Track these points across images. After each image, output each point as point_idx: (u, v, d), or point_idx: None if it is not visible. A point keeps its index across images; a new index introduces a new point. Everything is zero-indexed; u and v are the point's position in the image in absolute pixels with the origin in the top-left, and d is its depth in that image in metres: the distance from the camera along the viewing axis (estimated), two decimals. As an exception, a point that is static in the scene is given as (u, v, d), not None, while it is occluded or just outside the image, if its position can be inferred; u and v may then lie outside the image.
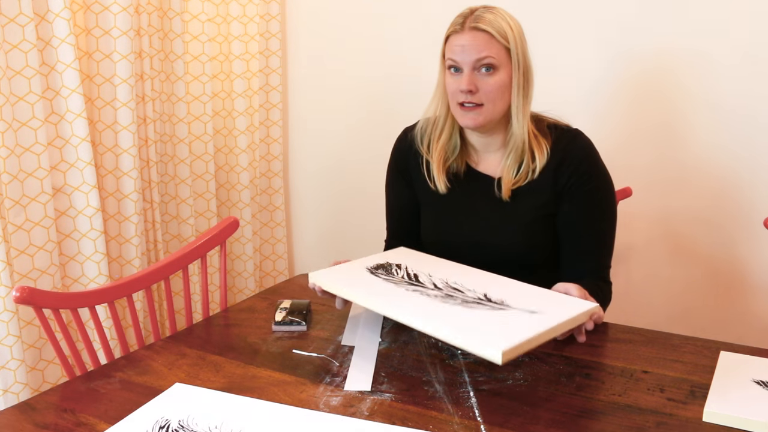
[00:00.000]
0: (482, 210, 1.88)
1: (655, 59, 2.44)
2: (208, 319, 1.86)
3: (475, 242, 1.88)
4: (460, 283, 1.61)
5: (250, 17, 3.03)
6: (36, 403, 1.41)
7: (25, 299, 1.57)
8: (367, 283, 1.63)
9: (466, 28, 1.74)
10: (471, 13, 1.76)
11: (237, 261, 3.20)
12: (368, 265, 1.74)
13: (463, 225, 1.90)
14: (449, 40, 1.78)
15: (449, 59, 1.77)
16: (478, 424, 1.29)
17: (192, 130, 2.92)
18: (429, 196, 1.95)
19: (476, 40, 1.73)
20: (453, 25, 1.78)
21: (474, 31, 1.74)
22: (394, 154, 2.05)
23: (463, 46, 1.73)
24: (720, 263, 2.49)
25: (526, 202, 1.83)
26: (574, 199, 1.81)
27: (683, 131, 2.45)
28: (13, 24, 2.15)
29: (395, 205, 2.06)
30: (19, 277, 2.24)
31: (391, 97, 2.97)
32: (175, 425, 1.28)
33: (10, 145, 2.16)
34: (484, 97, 1.75)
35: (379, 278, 1.65)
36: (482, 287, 1.58)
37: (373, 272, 1.70)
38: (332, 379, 1.47)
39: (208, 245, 2.02)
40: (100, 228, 2.43)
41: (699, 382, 1.42)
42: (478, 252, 1.87)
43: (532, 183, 1.82)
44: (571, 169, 1.80)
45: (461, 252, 1.88)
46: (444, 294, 1.54)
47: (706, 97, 2.39)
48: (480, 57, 1.73)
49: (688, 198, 2.49)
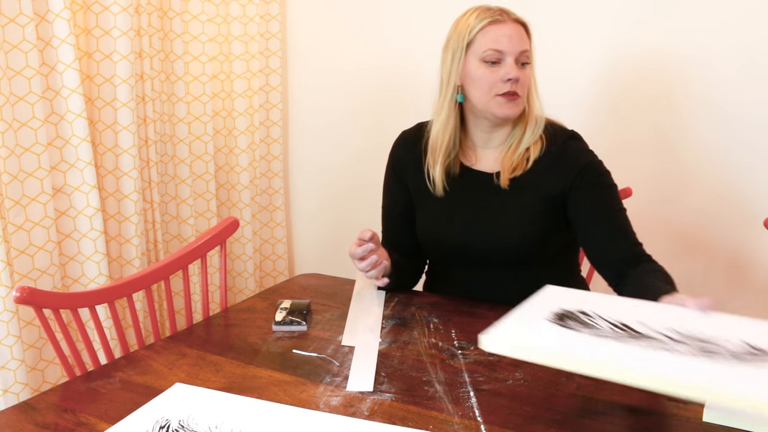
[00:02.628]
0: (478, 208, 1.88)
1: (655, 60, 2.44)
2: (208, 319, 1.86)
3: (471, 240, 1.87)
4: (680, 325, 1.30)
5: (251, 17, 3.03)
6: (36, 403, 1.40)
7: (25, 299, 1.57)
8: (578, 342, 1.24)
9: (509, 19, 1.76)
10: (501, 8, 1.79)
11: (237, 261, 3.20)
12: (544, 316, 1.35)
13: (459, 224, 1.89)
14: (487, 31, 1.76)
15: (491, 50, 1.75)
16: (479, 424, 1.28)
17: (192, 130, 2.92)
18: (425, 197, 1.95)
19: (519, 32, 1.77)
20: (488, 16, 1.77)
21: (516, 24, 1.77)
22: (392, 157, 2.04)
23: (510, 36, 1.75)
24: (720, 263, 2.50)
25: (521, 199, 1.83)
26: (586, 194, 1.80)
27: (683, 132, 2.46)
28: (13, 24, 2.15)
29: (391, 208, 2.05)
30: (19, 277, 2.24)
31: (391, 98, 2.97)
32: (175, 425, 1.28)
33: (10, 145, 2.16)
34: (521, 89, 1.78)
35: (583, 333, 1.27)
36: (719, 330, 1.28)
37: (564, 325, 1.31)
38: (332, 379, 1.47)
39: (208, 245, 2.02)
40: (100, 228, 2.43)
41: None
42: (476, 250, 1.87)
43: (526, 179, 1.82)
44: (576, 170, 1.79)
45: (458, 250, 1.89)
46: (694, 346, 1.20)
47: (706, 98, 2.39)
48: (523, 49, 1.76)
49: (687, 198, 2.49)
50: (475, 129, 1.89)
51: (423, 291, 2.07)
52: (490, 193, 1.86)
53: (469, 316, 1.79)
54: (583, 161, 1.81)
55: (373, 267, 1.79)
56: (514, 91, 1.76)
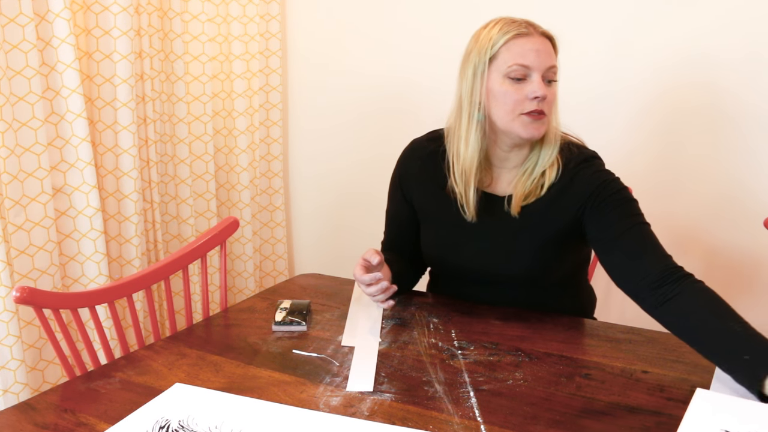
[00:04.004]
0: (489, 233, 1.78)
1: (657, 61, 2.45)
2: (208, 319, 1.86)
3: (479, 266, 1.80)
4: None
5: (250, 17, 3.03)
6: (36, 403, 1.40)
7: (25, 299, 1.57)
8: None
9: (536, 32, 1.63)
10: (526, 20, 1.65)
11: (237, 261, 3.20)
12: None
13: (467, 248, 1.81)
14: (512, 45, 1.63)
15: (517, 65, 1.61)
16: (478, 424, 1.28)
17: (192, 130, 2.92)
18: (434, 213, 1.85)
19: (547, 46, 1.64)
20: (514, 29, 1.63)
21: (543, 38, 1.64)
22: (398, 168, 1.93)
23: (538, 51, 1.61)
24: (721, 264, 2.49)
25: (533, 226, 1.73)
26: (603, 213, 1.66)
27: (682, 131, 2.45)
28: (13, 24, 2.15)
29: (394, 217, 1.98)
30: (19, 277, 2.24)
31: (391, 98, 2.97)
32: (175, 425, 1.28)
33: (10, 145, 2.16)
34: (548, 108, 1.65)
35: None
36: None
37: None
38: (332, 379, 1.47)
39: (208, 245, 2.02)
40: (100, 228, 2.43)
41: (699, 382, 1.42)
42: (483, 274, 1.81)
43: (539, 204, 1.72)
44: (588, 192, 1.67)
45: (465, 272, 1.84)
46: None
47: (707, 99, 2.39)
48: (551, 65, 1.63)
49: (688, 199, 2.49)
50: (493, 148, 1.75)
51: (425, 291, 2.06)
52: (501, 219, 1.76)
53: (469, 316, 1.78)
54: (596, 182, 1.68)
55: (382, 291, 1.68)
56: (540, 109, 1.62)
